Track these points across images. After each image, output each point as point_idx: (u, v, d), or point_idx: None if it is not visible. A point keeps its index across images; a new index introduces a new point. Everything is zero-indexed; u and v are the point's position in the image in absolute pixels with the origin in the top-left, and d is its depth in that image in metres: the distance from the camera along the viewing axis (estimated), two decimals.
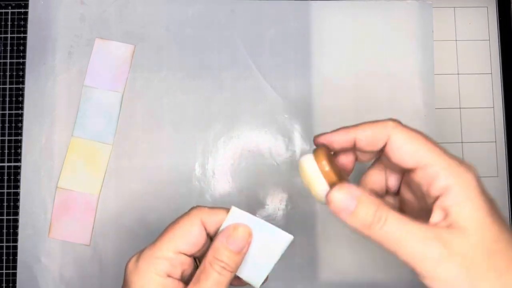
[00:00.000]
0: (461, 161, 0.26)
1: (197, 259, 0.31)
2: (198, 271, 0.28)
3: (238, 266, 0.29)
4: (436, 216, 0.25)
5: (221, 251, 0.28)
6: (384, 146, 0.27)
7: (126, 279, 0.29)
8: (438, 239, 0.24)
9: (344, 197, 0.26)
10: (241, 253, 0.29)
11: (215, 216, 0.29)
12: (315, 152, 0.29)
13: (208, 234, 0.30)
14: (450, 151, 0.27)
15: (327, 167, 0.28)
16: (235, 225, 0.29)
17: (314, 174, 0.28)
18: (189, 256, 0.29)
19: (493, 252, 0.24)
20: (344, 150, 0.30)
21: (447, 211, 0.25)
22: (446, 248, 0.24)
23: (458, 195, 0.25)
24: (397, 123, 0.27)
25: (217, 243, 0.29)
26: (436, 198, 0.25)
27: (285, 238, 0.29)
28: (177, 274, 0.29)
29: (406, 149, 0.26)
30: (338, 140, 0.29)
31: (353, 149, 0.30)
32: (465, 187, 0.25)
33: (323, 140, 0.29)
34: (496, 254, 0.24)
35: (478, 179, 0.25)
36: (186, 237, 0.29)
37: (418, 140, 0.26)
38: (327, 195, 0.27)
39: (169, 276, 0.28)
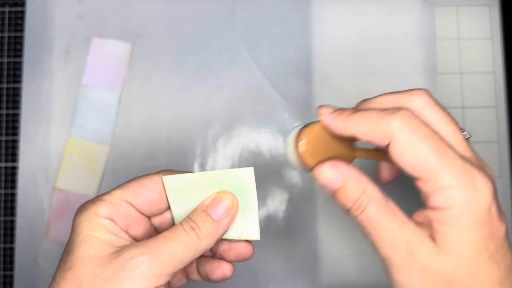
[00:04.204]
0: (474, 177, 0.24)
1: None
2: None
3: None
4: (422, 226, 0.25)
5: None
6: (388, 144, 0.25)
7: (73, 221, 0.28)
8: (409, 244, 0.25)
9: (330, 174, 0.26)
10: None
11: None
12: (303, 128, 0.27)
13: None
14: (467, 155, 0.25)
15: (302, 148, 0.26)
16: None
17: (290, 155, 0.27)
18: (143, 214, 0.29)
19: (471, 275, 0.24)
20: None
21: (439, 228, 0.24)
22: (413, 257, 0.24)
23: (457, 218, 0.23)
24: (406, 120, 0.24)
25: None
26: (434, 209, 0.24)
27: (247, 173, 0.28)
28: (120, 221, 0.27)
29: (409, 159, 0.24)
30: (337, 128, 0.27)
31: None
32: (469, 213, 0.23)
33: (322, 116, 0.27)
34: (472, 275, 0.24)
35: (492, 198, 0.24)
36: (141, 193, 0.28)
37: (426, 145, 0.24)
38: (314, 169, 0.27)
39: (110, 219, 0.27)
